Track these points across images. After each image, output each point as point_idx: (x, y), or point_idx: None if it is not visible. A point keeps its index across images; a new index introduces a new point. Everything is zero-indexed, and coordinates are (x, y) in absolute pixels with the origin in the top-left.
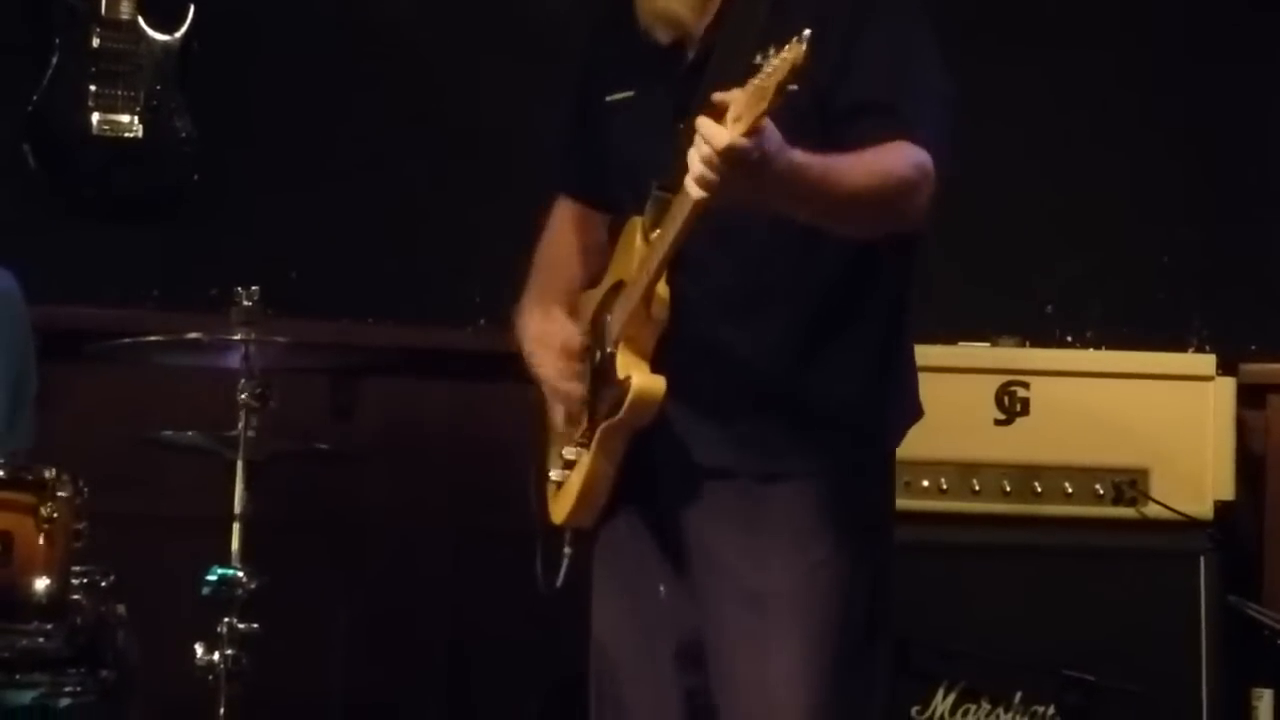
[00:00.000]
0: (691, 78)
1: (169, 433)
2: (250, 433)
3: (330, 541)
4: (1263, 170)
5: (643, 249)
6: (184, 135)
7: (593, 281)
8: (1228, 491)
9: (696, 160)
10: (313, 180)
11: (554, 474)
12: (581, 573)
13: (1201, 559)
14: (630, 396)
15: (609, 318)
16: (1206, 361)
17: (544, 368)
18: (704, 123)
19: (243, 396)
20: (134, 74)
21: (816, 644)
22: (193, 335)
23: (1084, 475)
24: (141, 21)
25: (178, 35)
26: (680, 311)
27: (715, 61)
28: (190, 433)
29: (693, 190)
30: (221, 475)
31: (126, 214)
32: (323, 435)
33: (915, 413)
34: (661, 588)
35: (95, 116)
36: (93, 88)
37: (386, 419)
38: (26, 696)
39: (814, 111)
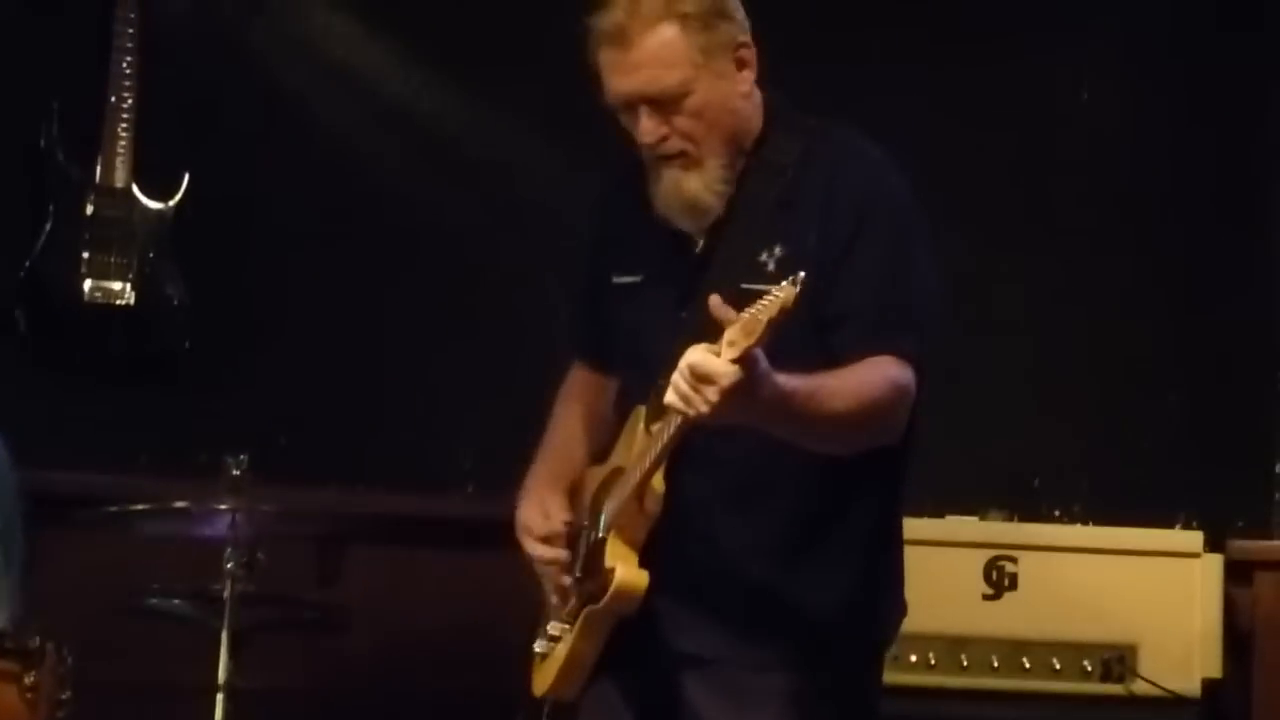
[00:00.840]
0: (698, 268)
1: (155, 600)
2: (236, 600)
3: (315, 710)
4: (1248, 349)
5: (643, 440)
6: (176, 303)
7: (602, 455)
8: (1215, 669)
9: (682, 384)
10: (304, 347)
11: (538, 646)
12: None
13: None
14: (612, 588)
15: (606, 502)
16: (1194, 538)
17: (528, 553)
18: (695, 352)
19: (229, 565)
20: (127, 241)
21: None
22: (180, 504)
23: (1072, 651)
24: (135, 189)
25: (171, 203)
26: (680, 500)
27: (722, 255)
28: (176, 600)
29: (677, 405)
30: (207, 643)
31: (118, 379)
32: (309, 603)
33: (903, 610)
34: None
35: (88, 283)
36: (86, 254)
37: (373, 586)
38: None
39: (808, 313)
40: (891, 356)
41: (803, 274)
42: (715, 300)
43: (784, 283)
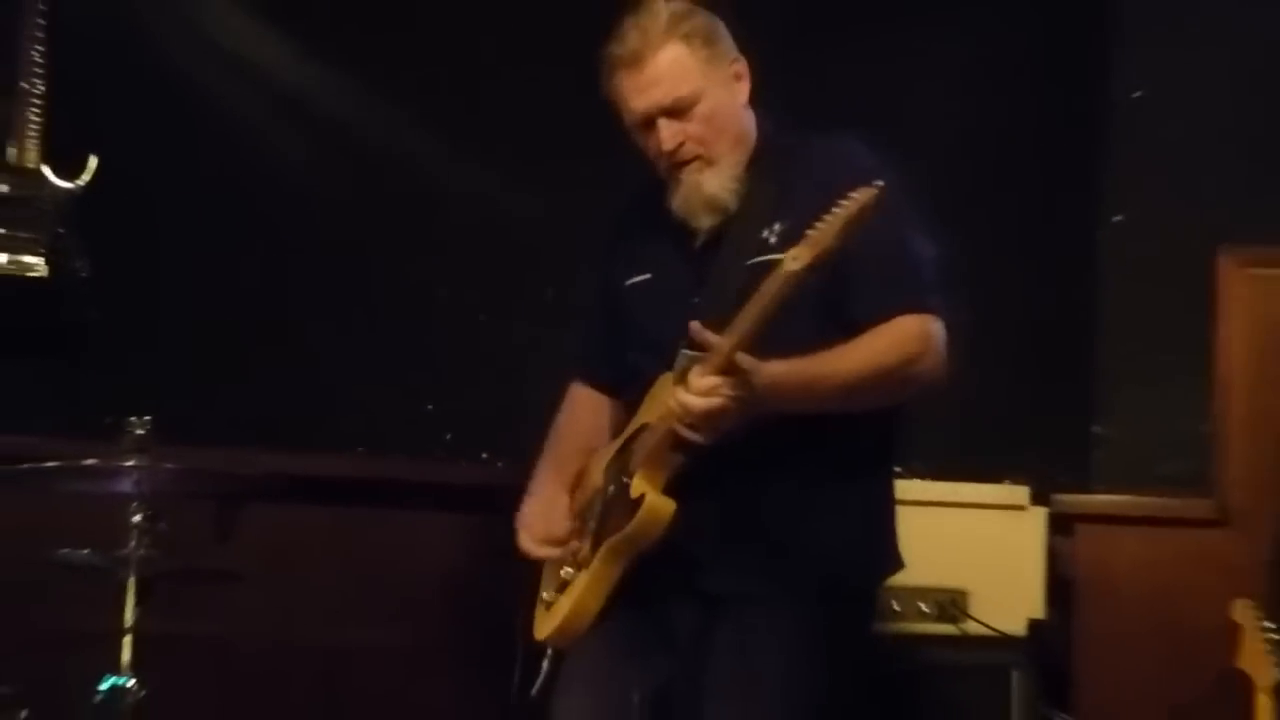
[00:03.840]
0: (703, 259)
1: (66, 552)
2: (140, 553)
3: (213, 653)
4: (1069, 325)
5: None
6: (83, 276)
7: (613, 437)
8: (1039, 611)
9: (685, 429)
10: (202, 318)
11: (546, 594)
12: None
13: (1015, 672)
14: (641, 511)
15: (634, 450)
16: (1020, 493)
17: (522, 547)
18: (679, 395)
19: (134, 519)
20: (37, 218)
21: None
22: (88, 462)
23: (910, 594)
24: (45, 169)
25: (79, 182)
26: (699, 450)
27: (728, 242)
28: (85, 551)
29: (689, 436)
30: (114, 592)
31: (28, 347)
32: (206, 555)
33: (898, 562)
34: (635, 699)
35: (3, 257)
36: (1, 230)
37: (267, 541)
38: None
39: (815, 294)
40: (913, 314)
41: (880, 182)
42: (695, 326)
43: (865, 188)
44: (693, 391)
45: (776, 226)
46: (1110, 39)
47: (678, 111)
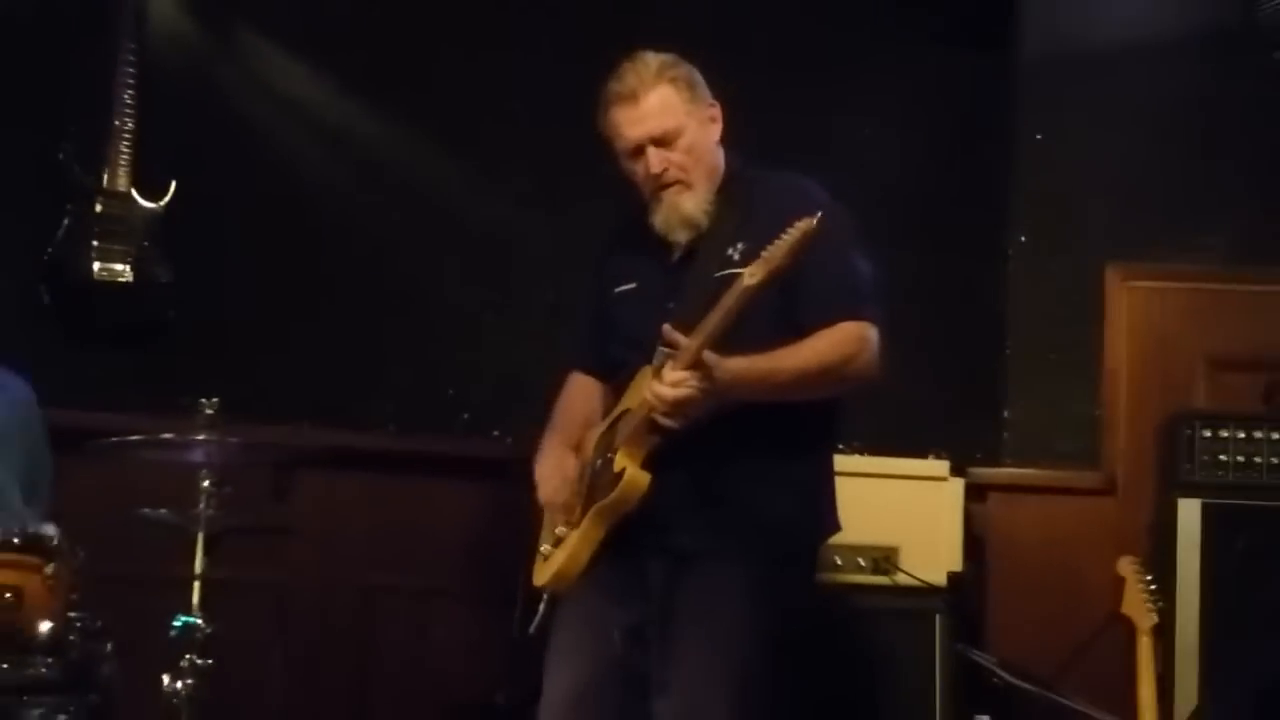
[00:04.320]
0: (679, 271)
1: (147, 510)
2: (209, 512)
3: (270, 596)
4: (982, 323)
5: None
6: (164, 281)
7: (603, 417)
8: (958, 564)
9: (660, 416)
10: (263, 317)
11: (544, 547)
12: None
13: (937, 616)
14: (622, 482)
15: (618, 431)
16: (942, 466)
17: (540, 498)
18: (655, 386)
19: (204, 484)
20: (127, 233)
21: (741, 656)
22: (166, 436)
23: (849, 551)
24: (134, 192)
25: (162, 203)
26: (671, 431)
27: (698, 259)
28: (163, 510)
29: (664, 423)
30: (186, 544)
31: (119, 340)
32: (264, 514)
33: (836, 525)
34: (616, 636)
35: (96, 265)
36: (95, 243)
37: (315, 502)
38: (32, 715)
39: (771, 305)
40: (852, 320)
41: (820, 213)
42: (667, 328)
43: (806, 219)
44: (665, 383)
45: (740, 246)
46: (1016, 92)
47: (664, 142)
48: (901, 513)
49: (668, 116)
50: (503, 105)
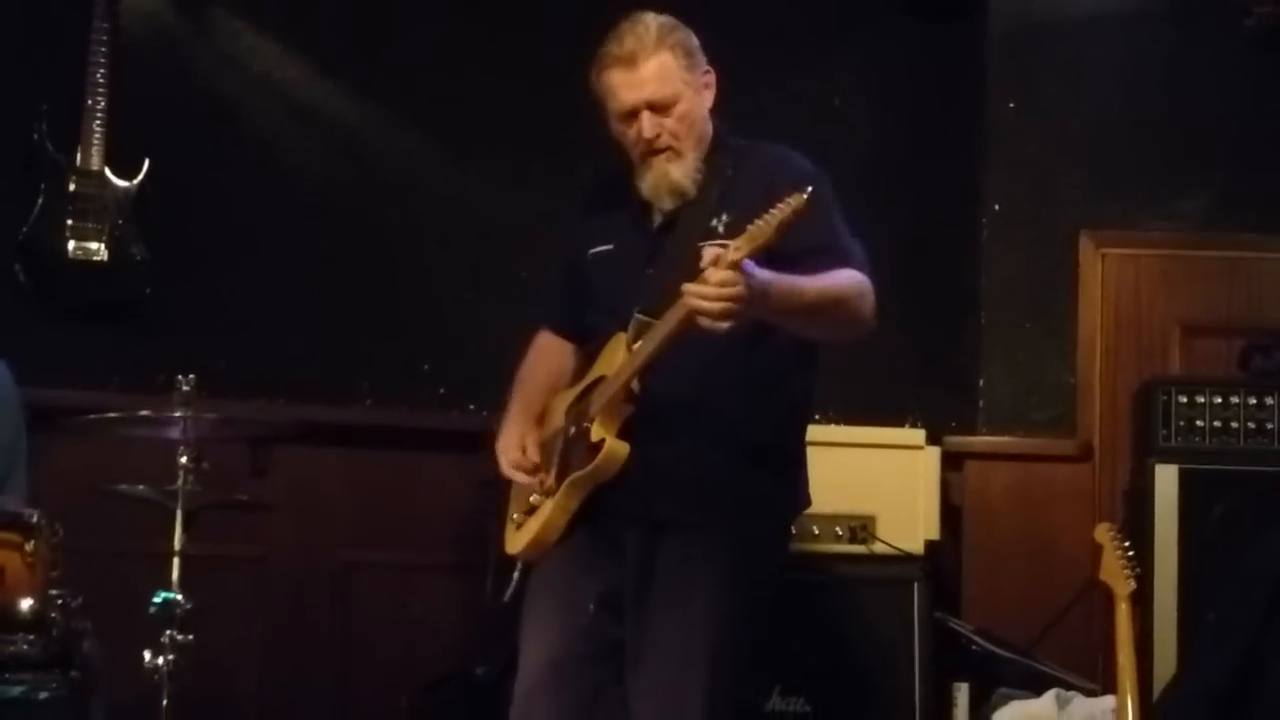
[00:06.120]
0: (659, 237)
1: (125, 487)
2: (187, 488)
3: (249, 570)
4: (957, 297)
5: (624, 356)
6: (139, 259)
7: (571, 382)
8: (934, 533)
9: (707, 302)
10: (237, 293)
11: (515, 515)
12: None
13: (915, 585)
14: (602, 452)
15: (592, 401)
16: (918, 435)
17: (503, 471)
18: (712, 273)
19: (182, 460)
20: (101, 211)
21: (715, 626)
22: (143, 413)
23: (827, 520)
24: (108, 171)
25: (135, 182)
26: (647, 401)
27: (681, 226)
28: (141, 487)
29: (710, 325)
30: (165, 520)
31: (94, 318)
32: (242, 489)
33: (808, 499)
34: (590, 606)
35: (71, 244)
36: (70, 222)
37: (292, 477)
38: (13, 691)
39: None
40: (852, 269)
41: (811, 187)
42: (708, 251)
43: (796, 194)
44: (713, 282)
45: (724, 217)
46: (987, 61)
47: (660, 108)
48: (878, 482)
49: (665, 84)
50: (477, 82)
